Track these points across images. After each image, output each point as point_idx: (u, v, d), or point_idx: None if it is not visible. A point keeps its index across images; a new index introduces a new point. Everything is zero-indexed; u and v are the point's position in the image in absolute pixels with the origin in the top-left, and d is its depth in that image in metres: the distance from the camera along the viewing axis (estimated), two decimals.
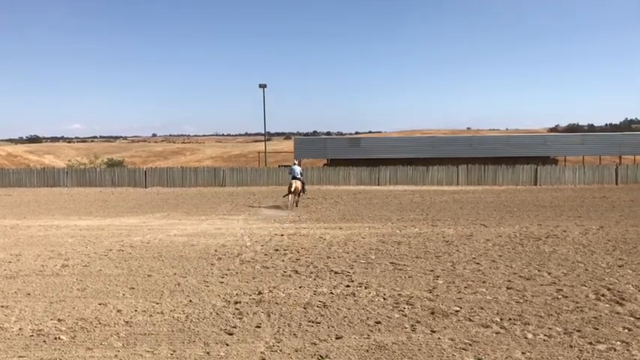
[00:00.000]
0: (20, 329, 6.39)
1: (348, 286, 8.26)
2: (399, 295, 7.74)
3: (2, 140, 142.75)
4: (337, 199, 24.16)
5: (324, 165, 41.60)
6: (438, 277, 8.85)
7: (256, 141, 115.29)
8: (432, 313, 6.86)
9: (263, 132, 47.54)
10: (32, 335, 6.18)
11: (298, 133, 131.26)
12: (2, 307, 7.30)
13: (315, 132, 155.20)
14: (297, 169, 22.39)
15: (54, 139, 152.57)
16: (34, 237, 13.48)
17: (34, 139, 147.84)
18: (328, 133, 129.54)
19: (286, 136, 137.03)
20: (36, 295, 7.95)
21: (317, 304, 7.26)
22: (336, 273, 9.14)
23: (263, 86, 43.53)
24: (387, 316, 6.73)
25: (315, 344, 5.76)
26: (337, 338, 5.94)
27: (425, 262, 10.08)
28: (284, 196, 22.25)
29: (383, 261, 10.14)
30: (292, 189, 20.92)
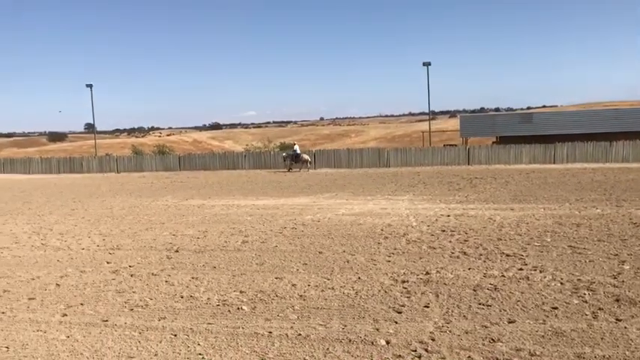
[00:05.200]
0: (208, 299, 7.06)
1: (521, 269, 7.89)
2: (579, 280, 7.21)
3: (189, 128, 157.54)
4: (508, 179, 23.07)
5: (493, 143, 39.90)
6: (623, 262, 8.08)
7: (420, 120, 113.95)
8: (617, 300, 6.30)
9: (427, 111, 46.82)
10: (218, 305, 6.79)
11: (464, 111, 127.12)
12: (193, 278, 8.12)
13: (482, 109, 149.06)
14: (298, 147, 34.54)
15: (232, 126, 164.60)
16: (217, 215, 14.75)
17: (215, 126, 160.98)
18: (497, 110, 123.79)
19: (451, 114, 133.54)
20: (221, 268, 8.71)
21: (487, 287, 7.04)
22: (507, 255, 8.77)
23: (427, 64, 42.75)
24: (565, 302, 6.31)
25: (486, 327, 5.60)
26: (510, 322, 5.72)
27: (608, 245, 9.25)
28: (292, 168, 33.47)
29: (560, 244, 9.50)
30: (307, 159, 33.75)
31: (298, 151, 33.68)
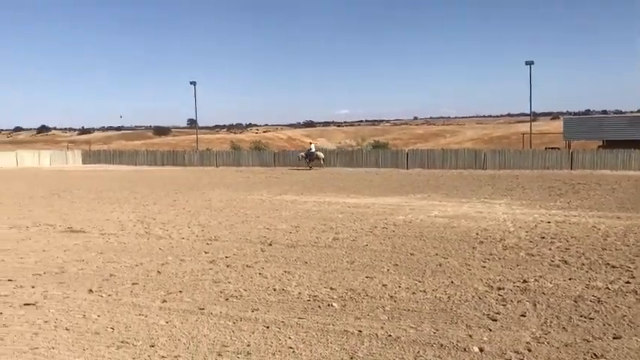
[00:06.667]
0: (299, 293, 7.17)
1: (628, 282, 7.38)
2: None
3: (283, 125, 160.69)
4: (614, 186, 21.69)
5: (599, 147, 37.66)
6: None
7: (520, 122, 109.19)
8: None
9: (528, 112, 44.93)
10: (309, 300, 6.88)
11: (568, 113, 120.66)
12: (285, 272, 8.28)
13: (587, 111, 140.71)
14: (314, 147, 37.78)
15: (326, 124, 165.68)
16: (309, 211, 14.96)
17: (309, 124, 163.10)
18: (604, 112, 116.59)
19: (554, 115, 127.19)
20: (312, 263, 8.83)
21: (590, 299, 6.65)
22: (613, 267, 8.24)
23: (530, 63, 41.01)
24: None
25: (587, 341, 5.29)
26: (615, 338, 5.36)
27: None
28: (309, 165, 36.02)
29: None
30: (321, 156, 36.57)
31: (313, 150, 36.97)
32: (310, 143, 40.13)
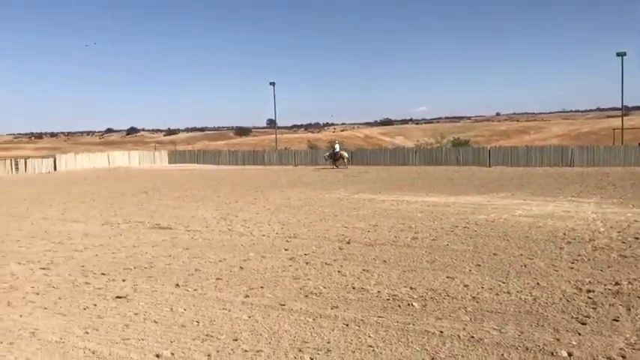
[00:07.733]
0: (378, 292, 7.15)
1: None
2: None
3: (360, 124, 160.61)
4: None
5: None
6: None
7: (610, 116, 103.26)
8: None
9: (619, 106, 42.47)
10: (388, 299, 6.84)
11: None
12: (364, 270, 8.27)
13: None
14: (338, 146, 37.63)
15: (403, 122, 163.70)
16: (388, 210, 14.86)
17: (386, 122, 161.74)
18: None
19: None
20: (391, 262, 8.77)
21: None
22: None
23: (621, 54, 38.71)
24: None
25: None
26: None
27: None
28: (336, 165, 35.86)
29: None
30: (345, 155, 36.27)
31: (337, 149, 37.19)
32: (335, 142, 40.54)
